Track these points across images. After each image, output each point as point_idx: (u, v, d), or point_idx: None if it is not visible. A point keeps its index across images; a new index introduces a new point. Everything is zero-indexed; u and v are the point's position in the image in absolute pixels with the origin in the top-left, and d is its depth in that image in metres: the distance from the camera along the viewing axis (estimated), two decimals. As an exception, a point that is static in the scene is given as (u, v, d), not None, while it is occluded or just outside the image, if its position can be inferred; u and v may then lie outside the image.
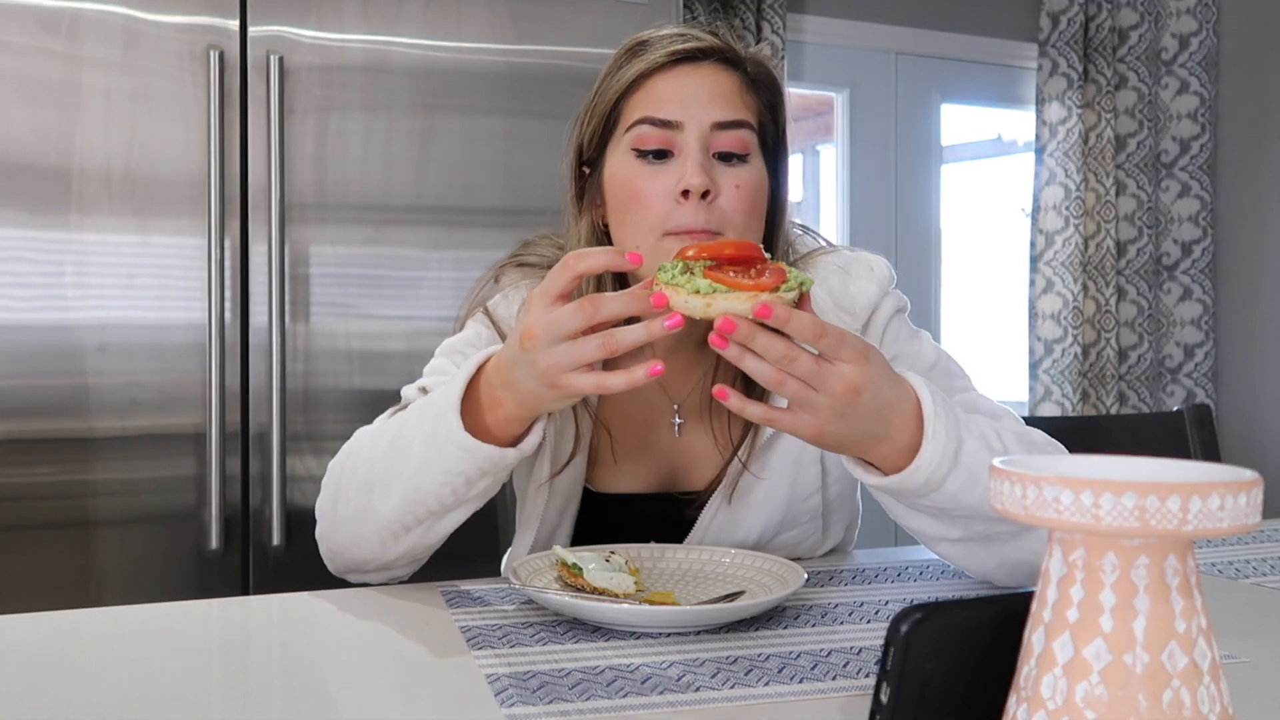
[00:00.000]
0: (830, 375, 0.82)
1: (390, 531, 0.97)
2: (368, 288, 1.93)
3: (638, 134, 1.04)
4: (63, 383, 1.77)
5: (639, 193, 1.03)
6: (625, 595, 0.91)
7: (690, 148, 1.02)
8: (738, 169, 1.04)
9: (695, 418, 1.15)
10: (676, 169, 1.02)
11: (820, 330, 0.81)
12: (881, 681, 0.49)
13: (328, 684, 0.77)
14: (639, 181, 1.03)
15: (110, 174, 1.78)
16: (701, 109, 1.03)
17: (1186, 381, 3.32)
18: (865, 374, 0.83)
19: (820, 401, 0.83)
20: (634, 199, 1.03)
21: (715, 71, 1.05)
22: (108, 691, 0.74)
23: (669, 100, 1.04)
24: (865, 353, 0.83)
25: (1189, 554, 0.44)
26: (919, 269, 3.22)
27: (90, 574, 1.78)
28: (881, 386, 0.84)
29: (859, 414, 0.84)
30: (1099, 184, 3.24)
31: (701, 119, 1.03)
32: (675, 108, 1.03)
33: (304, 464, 1.89)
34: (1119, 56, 3.28)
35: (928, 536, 0.98)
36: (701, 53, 1.05)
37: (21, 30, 1.74)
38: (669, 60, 1.05)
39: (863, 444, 0.88)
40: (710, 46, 1.06)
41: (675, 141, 1.03)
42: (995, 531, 0.94)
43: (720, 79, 1.05)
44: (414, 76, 1.95)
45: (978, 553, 0.97)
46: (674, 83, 1.04)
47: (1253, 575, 1.09)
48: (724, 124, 1.03)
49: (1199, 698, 0.43)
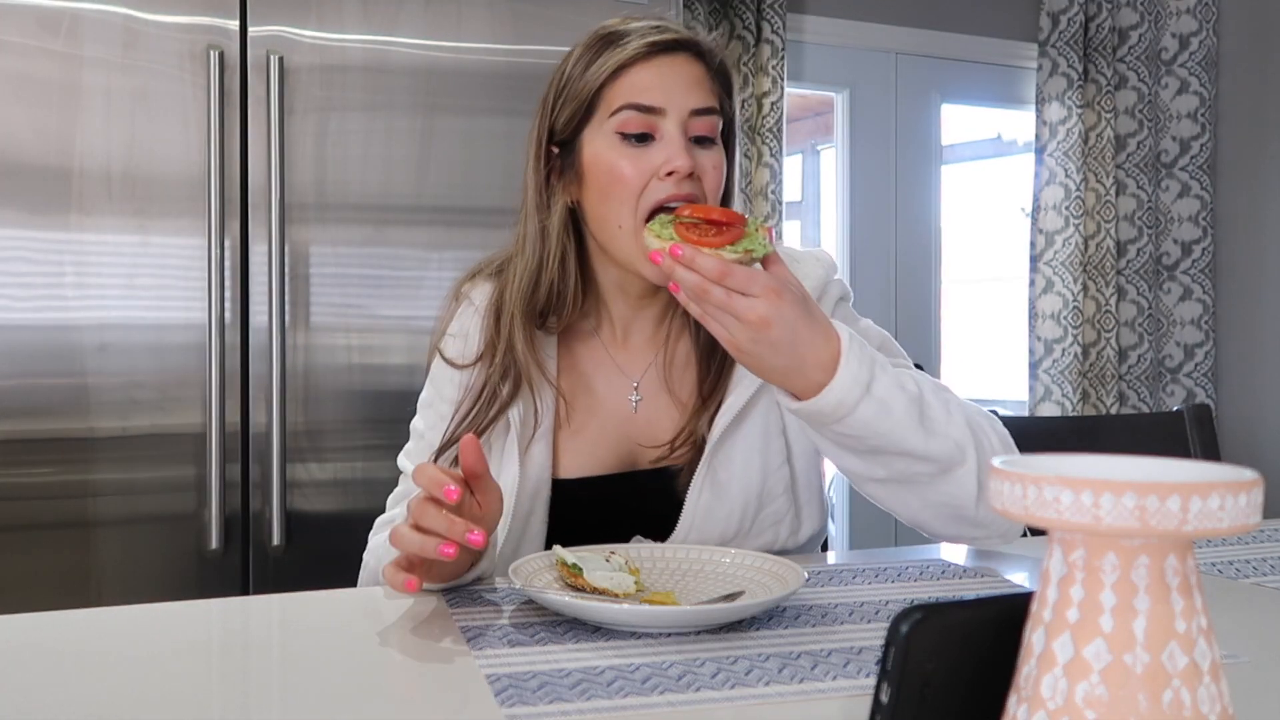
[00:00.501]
0: (742, 307, 0.95)
1: None
2: (368, 288, 1.93)
3: (622, 119, 1.12)
4: (63, 383, 1.77)
5: (622, 173, 1.11)
6: (625, 595, 0.91)
7: (672, 132, 1.11)
8: (711, 151, 1.14)
9: (652, 394, 1.23)
10: (661, 151, 1.11)
11: (724, 269, 0.95)
12: (881, 681, 0.49)
13: (328, 684, 0.77)
14: (622, 162, 1.11)
15: (110, 174, 1.78)
16: (681, 96, 1.12)
17: (1186, 381, 3.32)
18: (775, 308, 0.95)
19: (735, 330, 0.96)
20: (618, 179, 1.11)
21: (689, 62, 1.15)
22: (108, 691, 0.74)
23: (651, 88, 1.12)
24: (778, 291, 0.95)
25: (1189, 554, 0.44)
26: (919, 269, 3.22)
27: (90, 574, 1.78)
28: (795, 323, 0.96)
29: (773, 344, 0.96)
30: (1099, 184, 3.24)
31: (681, 106, 1.12)
32: (657, 95, 1.12)
33: (304, 464, 1.89)
34: (1119, 56, 3.28)
35: (855, 475, 1.08)
36: (678, 44, 1.14)
37: (21, 30, 1.74)
38: (649, 50, 1.13)
39: (783, 374, 0.99)
40: (685, 39, 1.15)
41: (657, 126, 1.12)
42: (915, 472, 1.04)
43: (694, 69, 1.14)
44: (414, 76, 1.95)
45: (902, 494, 1.08)
46: (654, 71, 1.13)
47: (1253, 575, 1.09)
48: (700, 110, 1.13)
49: (1199, 698, 0.43)
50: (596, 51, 1.15)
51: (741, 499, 1.18)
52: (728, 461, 1.18)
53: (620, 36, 1.15)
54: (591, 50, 1.15)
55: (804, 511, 1.24)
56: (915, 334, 3.19)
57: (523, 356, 1.16)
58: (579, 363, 1.23)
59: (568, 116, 1.16)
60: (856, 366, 0.98)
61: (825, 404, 0.99)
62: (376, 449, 1.91)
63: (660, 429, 1.21)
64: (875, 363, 1.01)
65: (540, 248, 1.18)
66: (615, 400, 1.22)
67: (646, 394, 1.22)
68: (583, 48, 1.17)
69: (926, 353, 3.22)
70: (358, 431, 1.91)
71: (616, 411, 1.22)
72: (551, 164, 1.19)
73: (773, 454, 1.19)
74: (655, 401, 1.22)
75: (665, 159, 1.10)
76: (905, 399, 1.01)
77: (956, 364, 3.37)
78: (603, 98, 1.14)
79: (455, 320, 1.25)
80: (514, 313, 1.17)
